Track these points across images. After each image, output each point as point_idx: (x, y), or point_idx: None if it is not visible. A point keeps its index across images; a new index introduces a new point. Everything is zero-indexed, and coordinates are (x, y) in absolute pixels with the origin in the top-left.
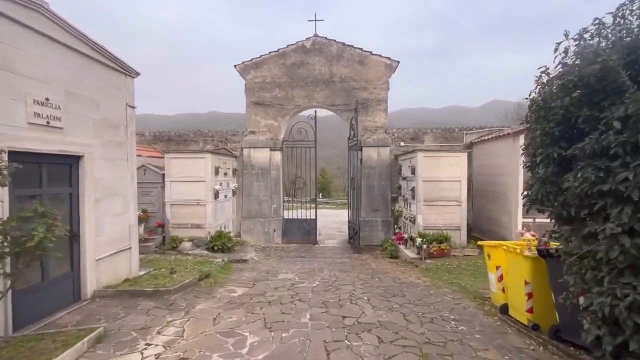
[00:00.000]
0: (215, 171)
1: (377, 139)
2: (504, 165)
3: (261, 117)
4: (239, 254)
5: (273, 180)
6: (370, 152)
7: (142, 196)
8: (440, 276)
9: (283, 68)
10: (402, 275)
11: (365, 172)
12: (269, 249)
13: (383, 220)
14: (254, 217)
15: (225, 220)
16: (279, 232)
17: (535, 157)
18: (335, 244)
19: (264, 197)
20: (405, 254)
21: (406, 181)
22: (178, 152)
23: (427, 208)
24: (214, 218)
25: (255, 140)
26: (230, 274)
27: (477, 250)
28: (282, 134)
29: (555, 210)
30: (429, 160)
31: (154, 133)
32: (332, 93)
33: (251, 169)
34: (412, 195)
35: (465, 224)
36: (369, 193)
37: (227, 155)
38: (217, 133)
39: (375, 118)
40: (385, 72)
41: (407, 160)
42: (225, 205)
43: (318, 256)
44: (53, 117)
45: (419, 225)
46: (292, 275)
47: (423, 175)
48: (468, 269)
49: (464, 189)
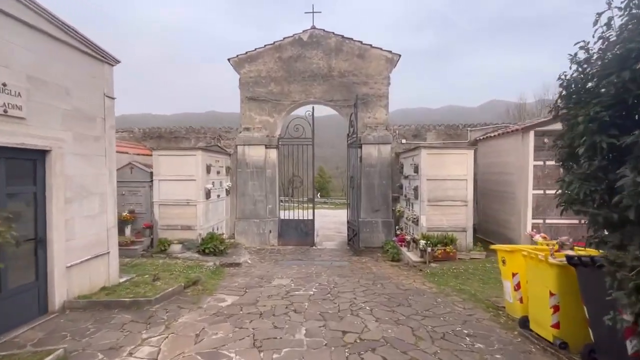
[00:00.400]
0: (206, 169)
1: (378, 136)
2: (512, 163)
3: (256, 113)
4: (232, 257)
5: (268, 179)
6: (370, 150)
7: (129, 196)
8: (447, 282)
9: (279, 62)
10: (406, 281)
11: (365, 171)
12: (264, 252)
13: (384, 221)
14: (249, 217)
15: (217, 221)
16: (275, 234)
17: (572, 148)
18: (333, 246)
19: (259, 196)
20: (408, 257)
21: (408, 180)
22: (167, 149)
23: (431, 208)
24: (205, 219)
25: (250, 137)
26: (220, 279)
27: (485, 253)
28: (278, 131)
29: (601, 213)
30: (433, 158)
31: (143, 130)
32: (331, 88)
33: (246, 168)
34: (414, 195)
35: (472, 225)
36: (369, 192)
37: (220, 152)
38: (210, 130)
39: (375, 114)
40: (386, 67)
41: (409, 158)
42: (218, 205)
43: (316, 259)
44: (12, 105)
45: (422, 226)
46: (288, 281)
47: (427, 174)
48: (476, 274)
49: (470, 188)
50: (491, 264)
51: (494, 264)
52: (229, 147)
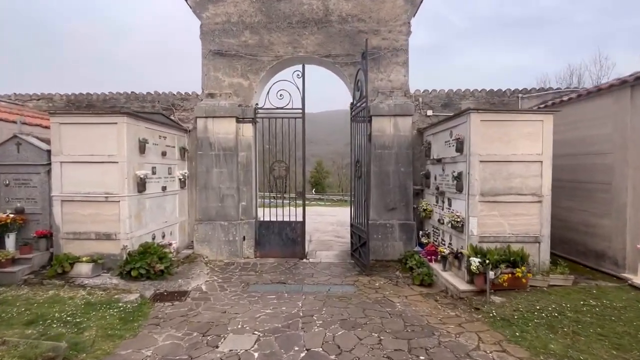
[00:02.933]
0: (139, 147)
1: (394, 104)
2: (606, 139)
3: (224, 74)
4: (177, 280)
5: (242, 165)
6: (383, 124)
7: (15, 187)
8: (542, 342)
9: (256, 1)
10: (463, 338)
11: (376, 154)
12: (232, 268)
13: (402, 224)
14: (213, 219)
15: (163, 225)
16: (251, 242)
17: None
18: (331, 257)
19: (227, 190)
20: (448, 281)
21: (441, 165)
22: (73, 115)
23: (486, 207)
24: (136, 223)
25: (215, 107)
26: (124, 338)
27: (572, 277)
28: (254, 99)
29: None
30: (489, 128)
31: (67, 97)
32: (328, 38)
33: (209, 149)
34: (457, 186)
35: (548, 232)
36: (382, 184)
37: (170, 126)
38: (160, 97)
39: (390, 75)
40: (404, 8)
41: (444, 132)
42: (165, 202)
43: (306, 281)
44: None
45: (471, 234)
46: (250, 340)
47: (479, 152)
48: (584, 322)
49: (547, 175)
50: (597, 299)
51: (602, 300)
52: (187, 122)
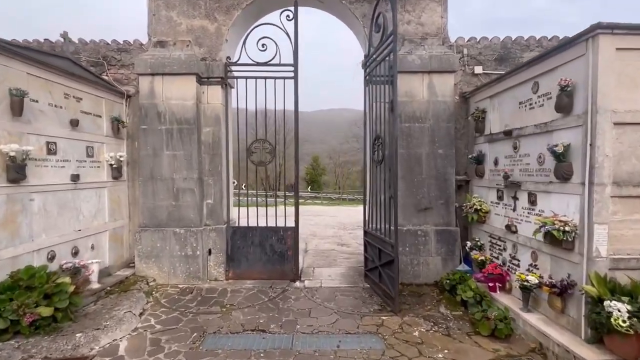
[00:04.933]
0: (13, 104)
1: (428, 56)
2: None
3: (181, 14)
4: (75, 336)
5: (206, 146)
6: (412, 85)
7: None
8: None
9: None
10: None
11: (402, 130)
12: (186, 301)
13: (440, 232)
14: (164, 225)
15: (72, 236)
16: (220, 257)
17: None
18: (336, 278)
19: (185, 182)
20: (541, 332)
21: (511, 141)
22: None
23: (622, 206)
24: (4, 234)
25: (165, 60)
26: None
27: None
28: (225, 50)
29: None
30: (632, 63)
31: None
32: None
33: (157, 122)
34: (554, 171)
35: None
36: (410, 173)
37: (87, 80)
38: (90, 48)
39: (421, 16)
40: None
41: (515, 88)
42: (77, 199)
43: (300, 325)
44: None
45: (595, 254)
46: None
47: (614, 107)
48: None
49: None
50: None
51: None
52: (127, 83)
